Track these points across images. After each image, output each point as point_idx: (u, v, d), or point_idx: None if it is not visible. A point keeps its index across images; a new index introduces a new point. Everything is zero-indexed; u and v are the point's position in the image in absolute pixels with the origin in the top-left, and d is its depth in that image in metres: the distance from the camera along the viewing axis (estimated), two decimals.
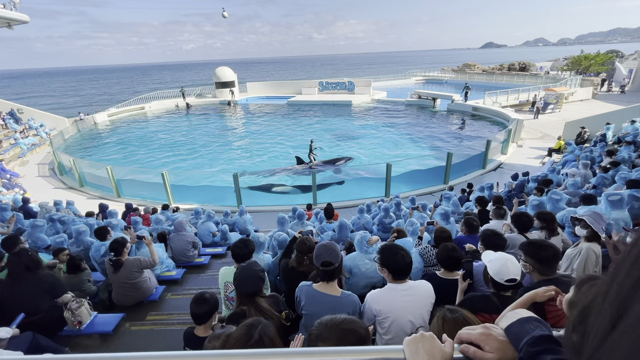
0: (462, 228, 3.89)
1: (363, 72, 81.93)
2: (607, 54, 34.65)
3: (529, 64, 40.98)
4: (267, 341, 1.36)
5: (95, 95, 57.55)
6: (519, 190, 7.61)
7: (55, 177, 13.68)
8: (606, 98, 23.26)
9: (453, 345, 0.76)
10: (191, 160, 16.03)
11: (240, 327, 1.42)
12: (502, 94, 22.37)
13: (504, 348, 0.72)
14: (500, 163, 12.61)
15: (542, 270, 2.24)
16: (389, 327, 2.10)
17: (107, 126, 23.68)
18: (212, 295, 2.27)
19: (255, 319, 1.47)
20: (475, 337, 0.74)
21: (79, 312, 3.27)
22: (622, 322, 0.33)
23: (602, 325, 0.35)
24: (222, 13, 27.63)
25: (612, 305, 0.35)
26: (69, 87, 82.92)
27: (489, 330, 0.75)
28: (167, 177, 10.36)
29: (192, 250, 5.58)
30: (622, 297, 0.34)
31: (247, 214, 7.60)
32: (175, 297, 4.43)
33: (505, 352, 0.72)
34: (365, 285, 3.26)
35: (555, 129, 15.56)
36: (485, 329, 0.75)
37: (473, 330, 0.76)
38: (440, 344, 0.76)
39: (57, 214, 6.38)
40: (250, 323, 1.44)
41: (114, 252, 3.76)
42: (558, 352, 0.62)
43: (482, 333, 0.74)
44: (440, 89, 31.98)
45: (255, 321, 1.45)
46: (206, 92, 32.80)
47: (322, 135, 18.78)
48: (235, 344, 1.34)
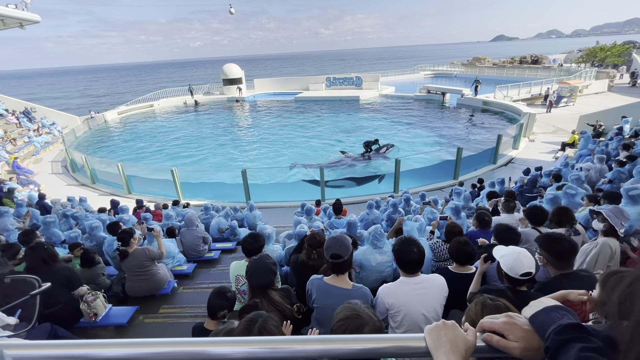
0: (474, 222, 3.85)
1: (371, 67, 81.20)
2: (624, 45, 33.60)
3: (542, 56, 40.03)
4: (266, 335, 1.35)
5: (105, 94, 58.41)
6: (532, 185, 7.47)
7: (67, 174, 13.97)
8: (622, 91, 22.60)
9: (476, 333, 0.74)
10: (201, 156, 16.17)
11: (241, 322, 1.44)
12: (514, 87, 21.92)
13: (528, 337, 0.70)
14: (511, 158, 12.40)
15: (558, 265, 2.19)
16: (402, 321, 2.09)
17: (117, 124, 24.04)
18: (233, 294, 2.31)
19: (256, 313, 1.47)
20: (499, 326, 0.73)
21: (95, 305, 3.34)
22: None
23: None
24: (229, 9, 27.66)
25: None
26: (79, 85, 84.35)
27: (513, 319, 0.73)
28: (177, 174, 10.48)
29: (202, 245, 5.64)
30: None
31: (257, 210, 7.65)
32: (187, 291, 4.50)
33: (530, 341, 0.70)
34: (376, 280, 3.25)
35: (569, 123, 15.18)
36: (509, 318, 0.73)
37: (496, 319, 0.74)
38: (463, 332, 0.74)
39: (70, 210, 6.52)
40: (251, 318, 1.44)
41: (121, 242, 3.85)
42: (588, 341, 0.59)
43: (505, 322, 0.73)
44: (449, 83, 31.47)
45: (255, 315, 1.45)
46: (214, 89, 32.97)
47: (330, 131, 18.73)
48: None
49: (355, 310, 1.25)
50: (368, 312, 1.25)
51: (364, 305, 1.29)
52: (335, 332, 1.23)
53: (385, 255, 3.24)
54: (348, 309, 1.27)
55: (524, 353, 0.70)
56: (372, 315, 1.24)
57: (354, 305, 1.29)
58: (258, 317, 1.43)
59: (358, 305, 1.28)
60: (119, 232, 3.96)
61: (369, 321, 1.21)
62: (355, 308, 1.27)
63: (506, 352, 0.71)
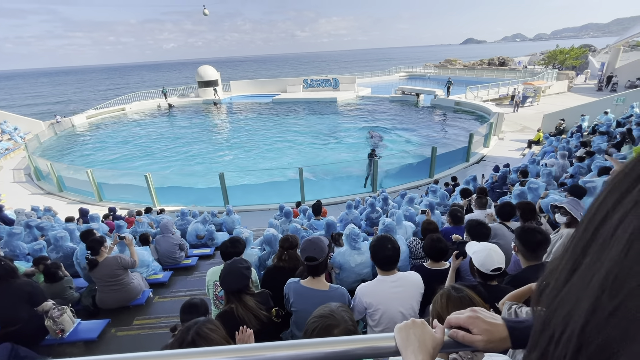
0: (448, 219, 3.97)
1: (347, 69, 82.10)
2: (581, 48, 35.93)
3: (508, 59, 41.98)
4: (200, 342, 1.35)
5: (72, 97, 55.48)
6: (502, 181, 7.81)
7: (32, 182, 13.13)
8: (580, 91, 24.10)
9: (443, 330, 0.76)
10: (176, 161, 15.70)
11: (177, 331, 1.45)
12: (483, 88, 22.86)
13: (491, 329, 0.73)
14: (483, 156, 12.90)
15: (527, 255, 2.31)
16: (380, 319, 2.12)
17: (86, 128, 22.89)
18: (202, 300, 2.25)
19: (192, 321, 1.47)
20: (464, 321, 0.75)
21: (61, 320, 3.15)
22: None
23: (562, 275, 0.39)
24: (203, 11, 27.11)
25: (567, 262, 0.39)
26: (43, 89, 79.61)
27: (476, 312, 0.76)
28: (151, 179, 10.12)
29: (178, 252, 5.47)
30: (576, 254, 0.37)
31: (235, 214, 7.51)
32: (162, 300, 4.34)
33: (493, 333, 0.73)
34: (355, 281, 3.28)
35: (534, 122, 16.03)
36: (473, 312, 0.76)
37: (461, 315, 0.77)
38: (431, 329, 0.76)
39: (35, 220, 6.13)
40: (187, 325, 1.44)
41: (91, 251, 3.67)
42: None
43: (469, 316, 0.75)
44: (423, 84, 32.36)
45: (191, 323, 1.45)
46: (189, 92, 32.13)
47: (309, 132, 18.74)
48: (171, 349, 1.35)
49: (331, 311, 1.26)
50: (344, 314, 1.26)
51: (341, 308, 1.29)
52: (308, 328, 1.24)
53: (364, 257, 3.27)
54: (324, 308, 1.28)
55: (488, 345, 0.73)
56: (346, 319, 1.25)
57: (331, 306, 1.30)
58: (193, 323, 1.43)
59: (335, 307, 1.29)
60: (89, 240, 3.77)
61: (341, 323, 1.22)
62: (332, 309, 1.28)
63: (472, 345, 0.74)
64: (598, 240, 0.34)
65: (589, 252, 0.35)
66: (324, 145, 16.65)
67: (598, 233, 0.34)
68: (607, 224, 0.34)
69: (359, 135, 17.77)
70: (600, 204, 0.36)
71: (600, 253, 0.33)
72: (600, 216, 0.35)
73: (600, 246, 0.34)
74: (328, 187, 11.18)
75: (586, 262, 0.35)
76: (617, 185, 0.35)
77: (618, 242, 0.31)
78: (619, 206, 0.33)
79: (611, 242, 0.32)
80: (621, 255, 0.30)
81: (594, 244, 0.35)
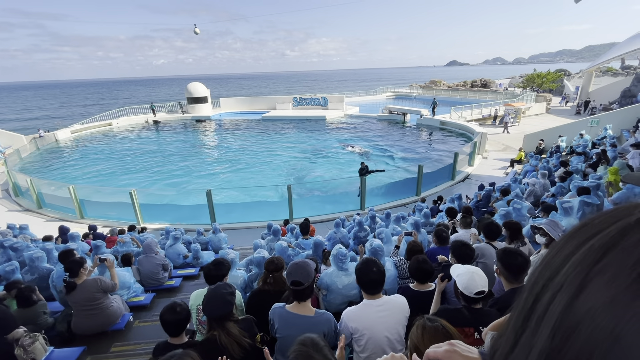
0: (433, 239, 4.01)
1: (336, 88, 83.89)
2: (557, 72, 37.95)
3: (490, 81, 43.83)
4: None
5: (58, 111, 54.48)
6: (487, 200, 7.98)
7: (9, 198, 12.65)
8: (557, 112, 25.24)
9: None
10: (162, 177, 15.45)
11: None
12: (467, 108, 23.69)
13: None
14: (468, 174, 13.21)
15: (509, 278, 2.35)
16: (366, 345, 2.10)
17: (70, 143, 22.41)
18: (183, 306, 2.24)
19: (172, 353, 1.49)
20: (441, 355, 0.76)
21: (32, 349, 2.98)
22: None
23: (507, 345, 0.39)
24: (194, 29, 27.50)
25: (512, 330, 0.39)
26: (27, 102, 78.04)
27: (454, 346, 0.77)
28: (136, 196, 9.90)
29: (162, 272, 5.31)
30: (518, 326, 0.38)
31: (222, 233, 7.39)
32: (143, 325, 4.17)
33: None
34: (342, 302, 3.24)
35: (515, 142, 16.62)
36: (450, 346, 0.77)
37: (439, 348, 0.78)
38: None
39: (9, 240, 5.86)
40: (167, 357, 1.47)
41: (69, 273, 3.51)
42: None
43: (447, 350, 0.77)
44: (409, 104, 33.31)
45: (169, 356, 1.47)
46: (177, 108, 32.09)
47: (296, 151, 18.85)
48: None
49: (308, 356, 1.24)
50: (325, 351, 1.24)
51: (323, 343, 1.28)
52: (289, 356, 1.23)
53: (351, 278, 3.25)
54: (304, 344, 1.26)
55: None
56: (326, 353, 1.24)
57: (314, 343, 1.28)
58: (171, 357, 1.45)
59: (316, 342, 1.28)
60: (68, 261, 3.62)
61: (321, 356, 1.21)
62: (310, 349, 1.26)
63: None
64: (535, 314, 0.35)
65: (528, 325, 0.35)
66: (313, 163, 16.75)
67: (536, 306, 0.35)
68: (543, 299, 0.34)
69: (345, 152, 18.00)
70: (538, 275, 0.37)
71: (535, 328, 0.34)
72: (538, 288, 0.36)
73: (536, 321, 0.34)
74: (316, 205, 11.18)
75: (526, 334, 0.35)
76: (549, 262, 0.36)
77: (547, 325, 0.32)
78: (550, 284, 0.34)
79: (543, 321, 0.33)
80: (548, 340, 0.32)
81: (533, 315, 0.35)
